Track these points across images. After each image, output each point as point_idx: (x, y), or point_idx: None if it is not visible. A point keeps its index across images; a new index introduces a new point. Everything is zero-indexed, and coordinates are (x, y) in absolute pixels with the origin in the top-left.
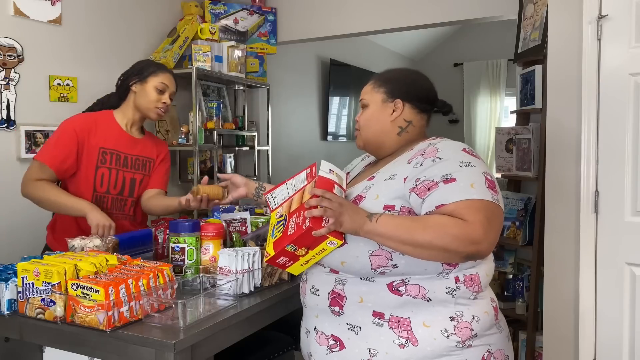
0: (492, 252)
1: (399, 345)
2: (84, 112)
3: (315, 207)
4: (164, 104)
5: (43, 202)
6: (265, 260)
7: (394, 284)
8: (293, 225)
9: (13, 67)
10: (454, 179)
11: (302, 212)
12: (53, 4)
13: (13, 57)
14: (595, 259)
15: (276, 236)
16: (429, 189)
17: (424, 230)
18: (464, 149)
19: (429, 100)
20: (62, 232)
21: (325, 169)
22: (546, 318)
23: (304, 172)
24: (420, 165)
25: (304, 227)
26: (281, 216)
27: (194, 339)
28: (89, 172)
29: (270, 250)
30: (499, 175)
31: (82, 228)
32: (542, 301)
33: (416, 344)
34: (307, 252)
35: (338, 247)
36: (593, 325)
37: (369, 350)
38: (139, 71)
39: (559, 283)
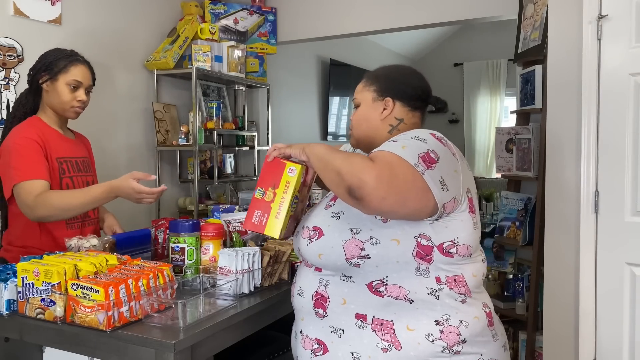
0: (493, 252)
1: (381, 349)
2: (6, 120)
3: None
4: (80, 101)
5: (70, 210)
6: (243, 226)
7: (374, 284)
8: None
9: (13, 67)
10: (395, 141)
11: None
12: (53, 4)
13: (13, 57)
14: (595, 259)
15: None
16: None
17: (342, 155)
18: (432, 133)
19: (420, 98)
20: (29, 243)
21: None
22: (546, 318)
23: None
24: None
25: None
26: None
27: (194, 339)
28: (54, 184)
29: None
30: (498, 175)
31: (42, 240)
32: (542, 301)
33: (399, 348)
34: (274, 195)
35: (299, 174)
36: (593, 325)
37: (352, 353)
38: (48, 67)
39: (559, 283)
